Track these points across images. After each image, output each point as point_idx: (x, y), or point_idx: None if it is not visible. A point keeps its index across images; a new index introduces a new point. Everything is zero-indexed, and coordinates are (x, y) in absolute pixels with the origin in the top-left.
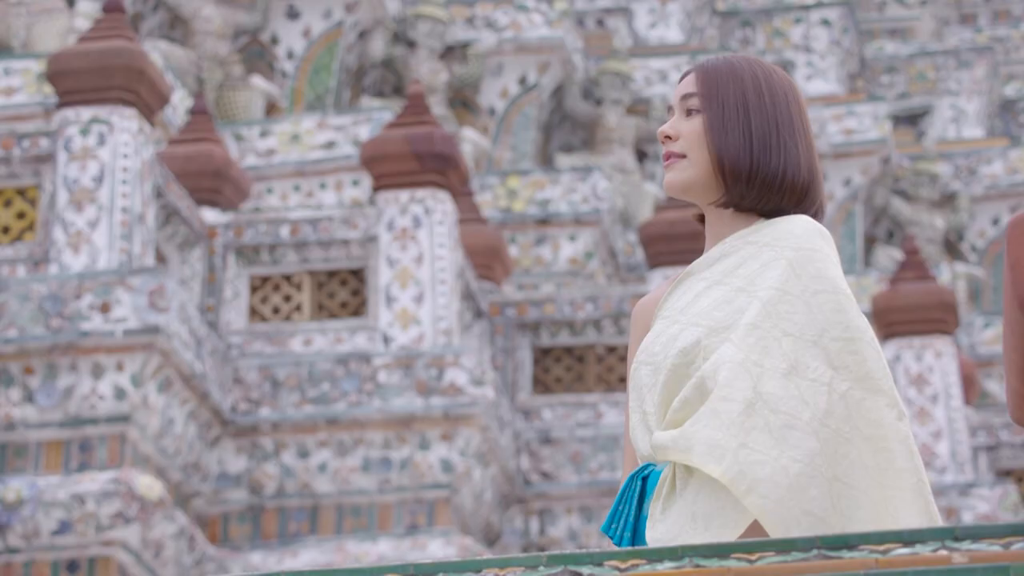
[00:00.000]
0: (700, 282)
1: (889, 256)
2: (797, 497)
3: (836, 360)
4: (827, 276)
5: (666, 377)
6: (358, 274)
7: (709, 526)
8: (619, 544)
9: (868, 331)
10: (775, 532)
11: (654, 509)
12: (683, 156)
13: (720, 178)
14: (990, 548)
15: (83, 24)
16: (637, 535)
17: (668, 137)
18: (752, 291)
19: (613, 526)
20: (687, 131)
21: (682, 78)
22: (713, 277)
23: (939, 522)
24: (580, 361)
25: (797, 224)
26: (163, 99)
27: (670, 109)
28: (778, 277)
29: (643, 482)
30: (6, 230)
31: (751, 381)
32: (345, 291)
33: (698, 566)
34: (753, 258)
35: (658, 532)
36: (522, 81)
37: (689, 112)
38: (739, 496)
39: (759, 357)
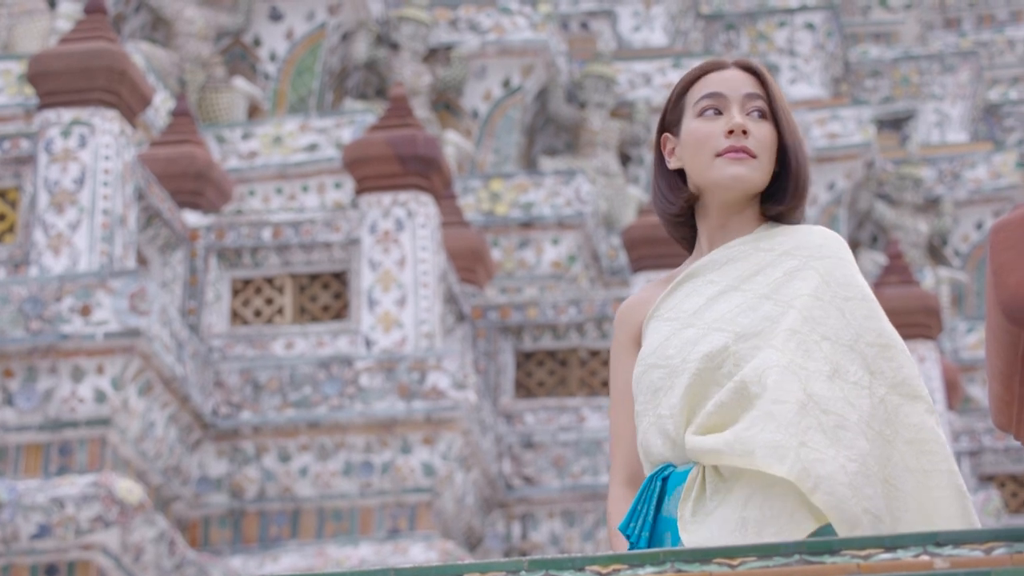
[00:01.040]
0: (708, 285)
1: (873, 260)
2: (857, 495)
3: (872, 365)
4: (856, 283)
5: (690, 381)
6: (340, 277)
7: (762, 533)
8: (636, 543)
9: (899, 338)
10: (842, 529)
11: (683, 511)
12: (755, 156)
13: (784, 189)
14: (971, 554)
15: (65, 25)
16: (655, 535)
17: (744, 132)
18: (778, 299)
19: (632, 525)
20: (760, 135)
21: (714, 67)
22: (725, 281)
23: (977, 522)
24: (563, 365)
25: (816, 233)
26: (145, 101)
27: (714, 96)
28: (809, 285)
29: (662, 483)
30: None
31: (800, 383)
32: (327, 294)
33: (680, 571)
34: (772, 266)
35: (700, 536)
36: (506, 84)
37: (753, 113)
38: (807, 493)
39: (803, 360)
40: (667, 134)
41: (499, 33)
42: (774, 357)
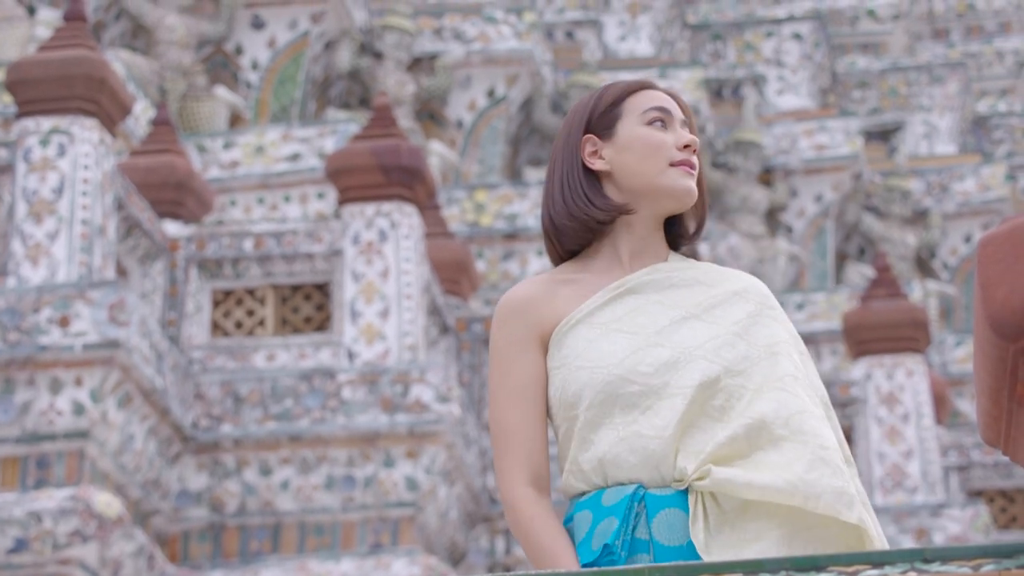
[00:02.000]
0: (658, 305)
1: (860, 273)
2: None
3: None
4: (800, 339)
5: (686, 408)
6: (323, 288)
7: None
8: (617, 563)
9: None
10: None
11: (695, 539)
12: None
13: (693, 214)
14: (959, 570)
15: (44, 33)
16: (628, 557)
17: (695, 151)
18: (752, 341)
19: (615, 543)
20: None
21: (650, 85)
22: (682, 307)
23: None
24: None
25: (757, 281)
26: (125, 109)
27: (662, 110)
28: (780, 334)
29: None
30: None
31: (828, 430)
32: (309, 306)
33: None
34: (728, 303)
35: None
36: (490, 94)
37: None
38: (869, 540)
39: (813, 408)
40: (591, 136)
41: (484, 42)
42: (795, 402)
